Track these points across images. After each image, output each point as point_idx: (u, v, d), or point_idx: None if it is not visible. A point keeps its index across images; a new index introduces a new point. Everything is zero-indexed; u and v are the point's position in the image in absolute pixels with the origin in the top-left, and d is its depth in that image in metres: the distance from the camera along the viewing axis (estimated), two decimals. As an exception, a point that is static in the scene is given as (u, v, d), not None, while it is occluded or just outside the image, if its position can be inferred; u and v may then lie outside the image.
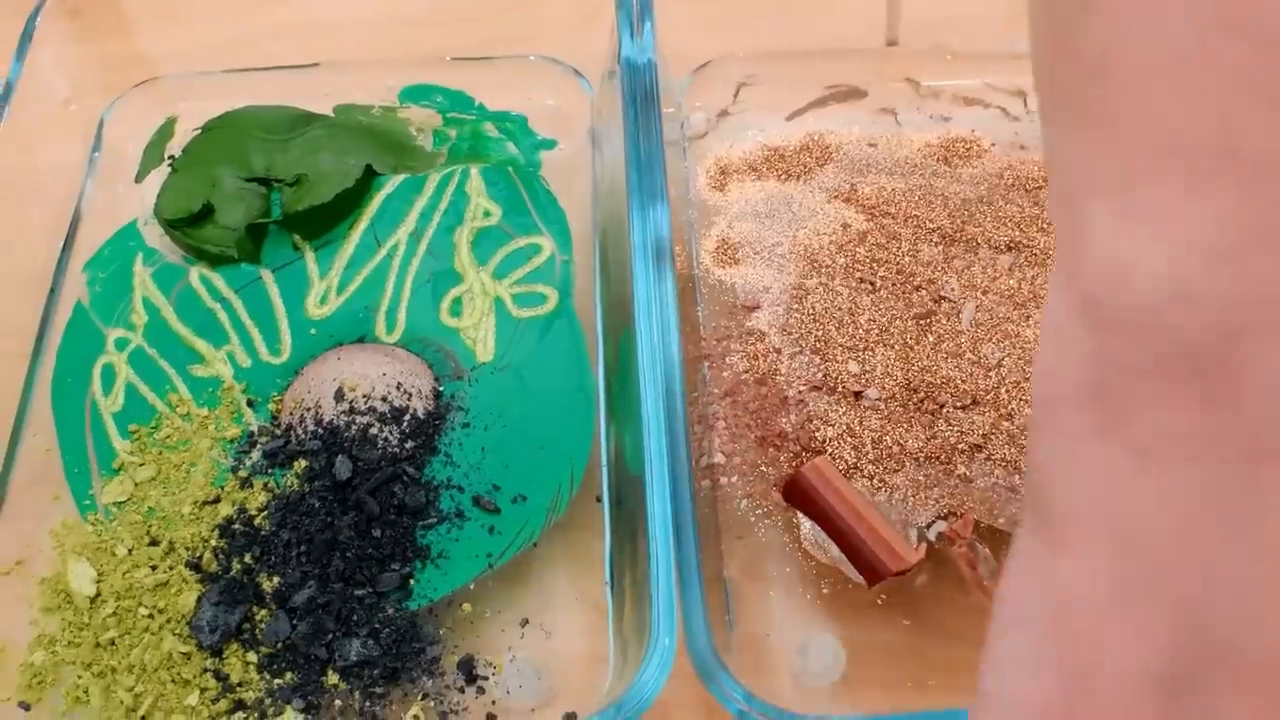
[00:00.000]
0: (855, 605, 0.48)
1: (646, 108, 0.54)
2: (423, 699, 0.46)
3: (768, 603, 0.48)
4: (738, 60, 0.64)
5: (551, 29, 0.64)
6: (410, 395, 0.52)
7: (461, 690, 0.46)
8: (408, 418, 0.51)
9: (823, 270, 0.56)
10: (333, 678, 0.45)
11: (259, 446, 0.51)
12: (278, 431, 0.52)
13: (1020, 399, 0.52)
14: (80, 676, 0.46)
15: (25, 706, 0.46)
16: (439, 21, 0.66)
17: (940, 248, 0.57)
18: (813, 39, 0.64)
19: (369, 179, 0.59)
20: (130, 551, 0.49)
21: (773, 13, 0.64)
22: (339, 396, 0.51)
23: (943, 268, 0.56)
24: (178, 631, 0.46)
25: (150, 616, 0.47)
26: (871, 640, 0.48)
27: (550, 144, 0.62)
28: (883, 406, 0.52)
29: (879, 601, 0.48)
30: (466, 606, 0.48)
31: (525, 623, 0.48)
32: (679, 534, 0.43)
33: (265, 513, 0.48)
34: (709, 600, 0.42)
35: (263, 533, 0.48)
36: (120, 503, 0.51)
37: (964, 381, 0.52)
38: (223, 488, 0.50)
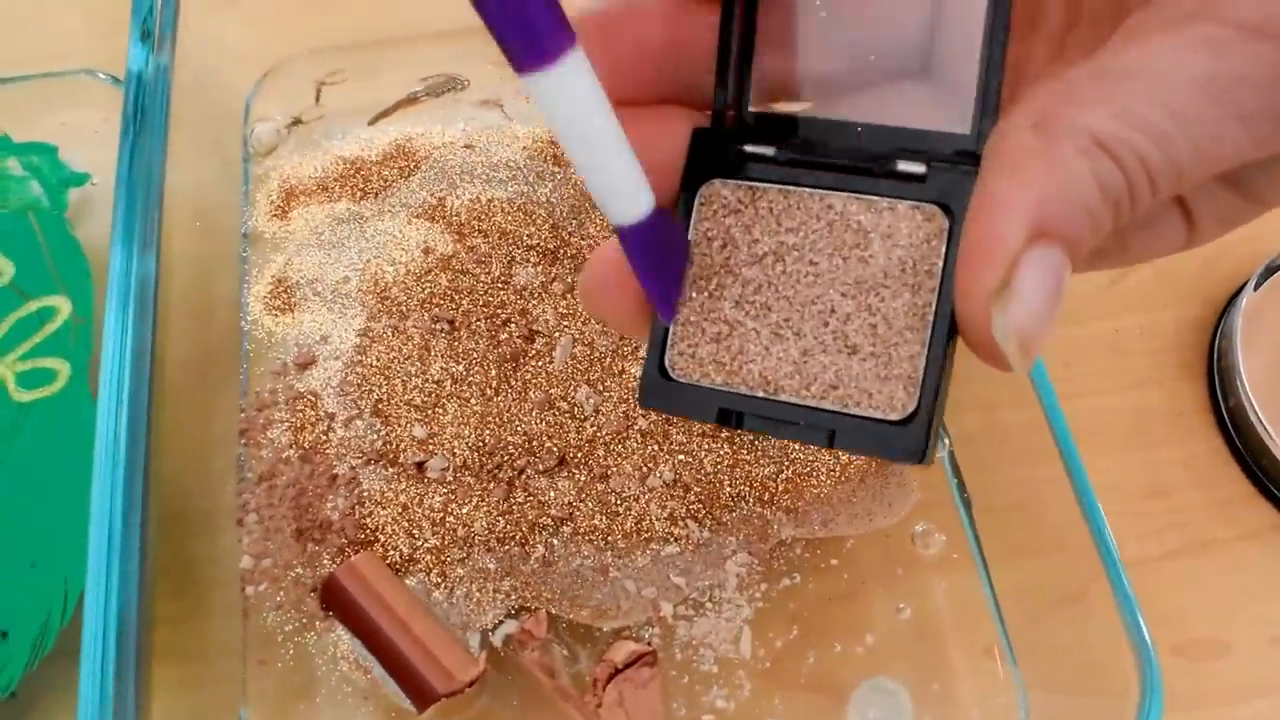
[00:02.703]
0: (406, 736, 0.40)
1: (144, 129, 0.44)
2: None
3: (292, 746, 0.39)
4: (319, 55, 0.54)
5: (85, 39, 0.53)
6: None
7: None
8: None
9: (395, 309, 0.46)
10: None
11: None
12: None
13: (617, 456, 0.43)
14: None
15: None
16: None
17: (539, 269, 0.47)
18: (412, 21, 0.54)
19: None
20: None
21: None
22: None
23: (539, 294, 0.47)
24: None
25: None
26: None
27: (81, 179, 0.51)
28: (449, 478, 0.43)
29: (426, 733, 0.39)
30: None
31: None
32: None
33: None
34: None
35: None
36: None
37: (551, 437, 0.43)
38: None
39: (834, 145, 0.22)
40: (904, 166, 0.21)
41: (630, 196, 0.21)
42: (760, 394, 0.22)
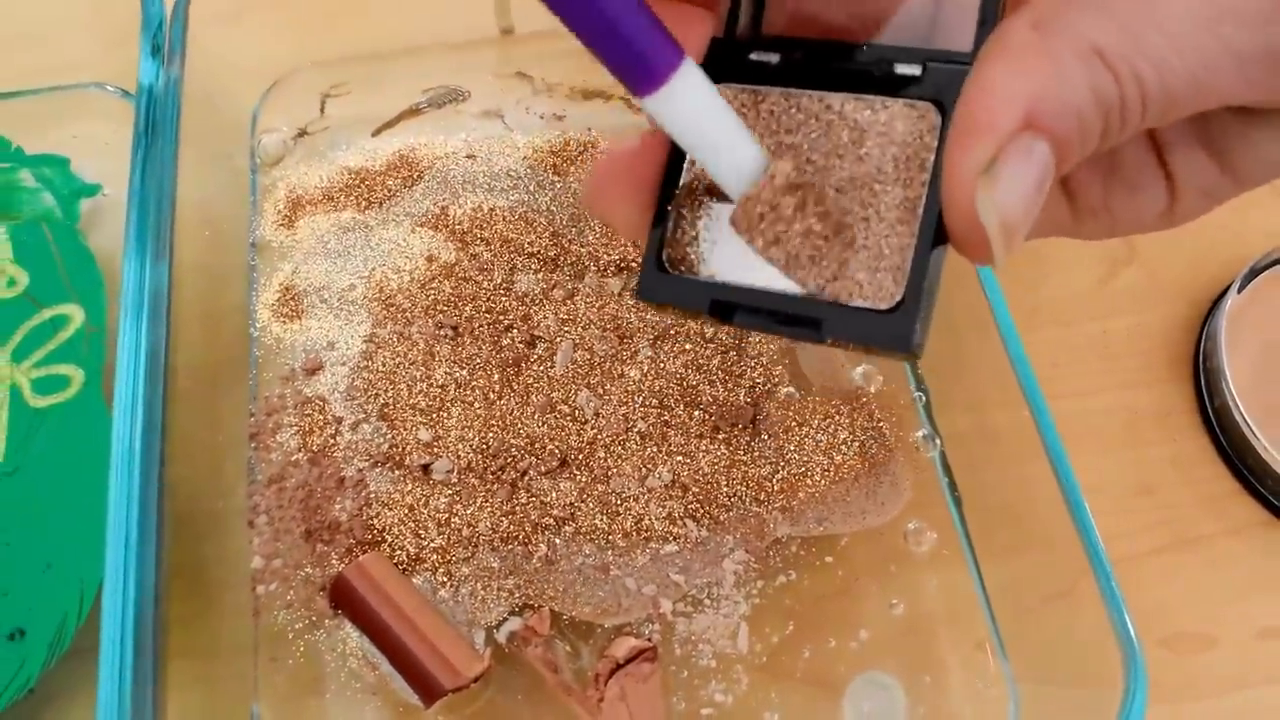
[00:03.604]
0: (414, 730, 0.41)
1: (155, 142, 0.45)
2: None
3: (304, 740, 0.40)
4: (323, 67, 0.55)
5: (93, 52, 0.55)
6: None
7: None
8: None
9: (400, 315, 0.48)
10: None
11: None
12: None
13: (617, 458, 0.44)
14: None
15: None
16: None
17: (539, 275, 0.49)
18: (415, 34, 0.55)
19: None
20: None
21: (365, 8, 0.55)
22: None
23: (540, 301, 0.48)
24: None
25: None
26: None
27: (93, 190, 0.52)
28: (454, 480, 0.44)
29: (433, 727, 0.40)
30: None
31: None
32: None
33: None
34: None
35: None
36: None
37: (553, 440, 0.44)
38: None
39: (836, 56, 0.23)
40: (901, 69, 0.22)
41: (751, 174, 0.22)
42: (753, 286, 0.23)
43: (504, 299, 0.48)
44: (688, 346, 0.46)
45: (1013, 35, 0.20)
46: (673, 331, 0.47)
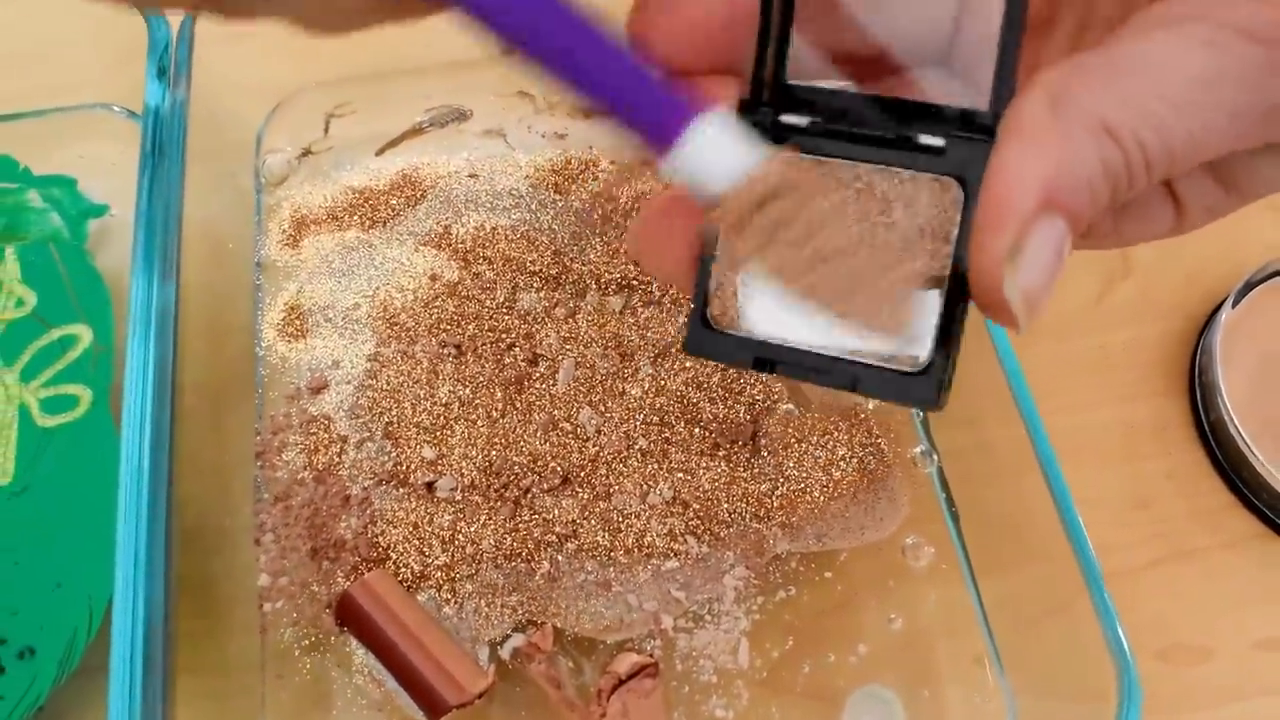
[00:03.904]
0: (419, 745, 0.41)
1: (162, 163, 0.46)
2: None
3: (311, 756, 0.41)
4: (327, 87, 0.55)
5: (99, 73, 0.55)
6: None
7: None
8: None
9: (403, 334, 0.48)
10: None
11: None
12: None
13: (619, 475, 0.45)
14: None
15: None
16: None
17: (541, 294, 0.49)
18: (417, 54, 0.56)
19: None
20: None
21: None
22: None
23: (542, 319, 0.48)
24: None
25: None
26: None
27: (100, 210, 0.53)
28: (458, 497, 0.44)
29: (437, 742, 0.41)
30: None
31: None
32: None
33: None
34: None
35: None
36: None
37: (555, 458, 0.45)
38: None
39: (862, 117, 0.24)
40: (925, 140, 0.23)
41: None
42: (792, 344, 0.24)
43: (506, 317, 0.48)
44: (688, 364, 0.47)
45: (1028, 115, 0.21)
46: (673, 350, 0.47)
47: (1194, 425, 0.51)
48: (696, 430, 0.46)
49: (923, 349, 0.23)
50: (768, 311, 0.25)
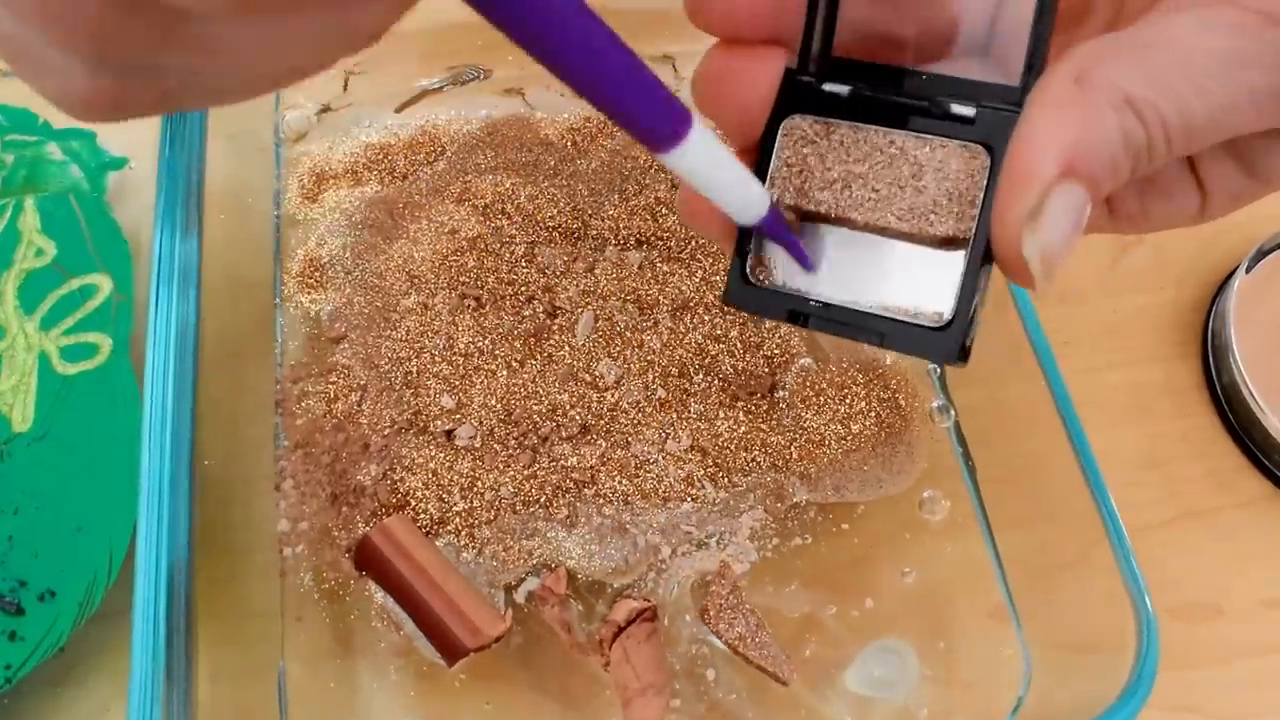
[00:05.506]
0: (439, 688, 0.41)
1: (184, 118, 0.46)
2: None
3: (330, 696, 0.41)
4: (346, 45, 0.55)
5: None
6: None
7: None
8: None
9: (423, 287, 0.48)
10: None
11: None
12: None
13: (638, 423, 0.45)
14: None
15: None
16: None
17: (561, 248, 0.49)
18: (437, 11, 0.56)
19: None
20: None
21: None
22: None
23: (561, 273, 0.49)
24: None
25: None
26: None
27: (120, 163, 0.53)
28: (477, 445, 0.45)
29: (456, 684, 0.41)
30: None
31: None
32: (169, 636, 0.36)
33: None
34: (262, 697, 0.36)
35: None
36: None
37: (574, 407, 0.45)
38: None
39: (899, 88, 0.25)
40: (956, 109, 0.25)
41: (756, 206, 0.25)
42: (824, 299, 0.26)
43: (525, 271, 0.49)
44: (707, 318, 0.47)
45: (1055, 88, 0.22)
46: (692, 303, 0.48)
47: (1206, 388, 0.51)
48: (715, 382, 0.46)
49: (947, 307, 0.25)
50: (798, 271, 0.26)
